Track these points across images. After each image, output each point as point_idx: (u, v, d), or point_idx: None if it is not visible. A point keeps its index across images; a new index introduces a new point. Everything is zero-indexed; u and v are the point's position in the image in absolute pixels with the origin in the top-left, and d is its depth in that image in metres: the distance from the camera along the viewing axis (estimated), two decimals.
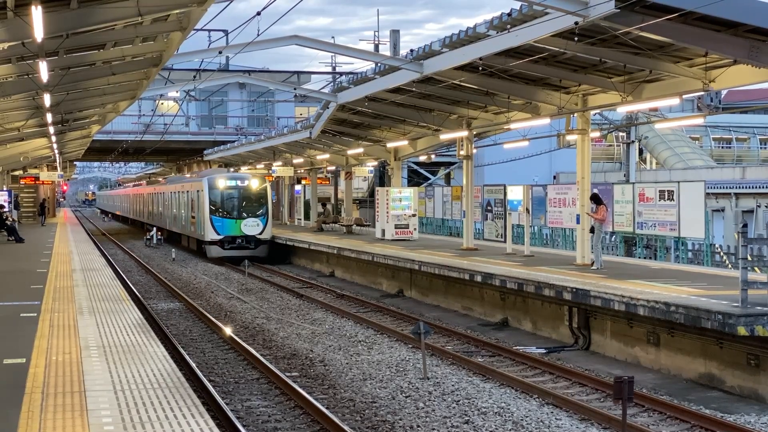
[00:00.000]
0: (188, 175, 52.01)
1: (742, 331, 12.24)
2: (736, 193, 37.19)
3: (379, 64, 22.73)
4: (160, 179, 69.80)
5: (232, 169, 49.27)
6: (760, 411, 12.01)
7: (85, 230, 50.08)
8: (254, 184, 36.25)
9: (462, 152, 25.61)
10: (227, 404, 11.66)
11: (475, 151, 26.57)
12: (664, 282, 16.18)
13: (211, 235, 35.06)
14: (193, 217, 38.46)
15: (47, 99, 20.12)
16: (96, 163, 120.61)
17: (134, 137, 50.80)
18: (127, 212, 77.38)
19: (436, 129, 27.01)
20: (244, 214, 35.40)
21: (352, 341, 17.26)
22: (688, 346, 14.09)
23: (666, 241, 25.34)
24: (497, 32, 16.16)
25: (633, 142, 34.06)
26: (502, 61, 17.48)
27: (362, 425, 11.12)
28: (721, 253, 25.51)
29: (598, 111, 25.42)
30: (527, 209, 23.53)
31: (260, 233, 35.30)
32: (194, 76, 28.81)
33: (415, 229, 30.32)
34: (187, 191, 40.21)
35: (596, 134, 25.01)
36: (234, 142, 50.11)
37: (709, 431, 11.05)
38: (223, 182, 35.98)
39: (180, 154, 67.40)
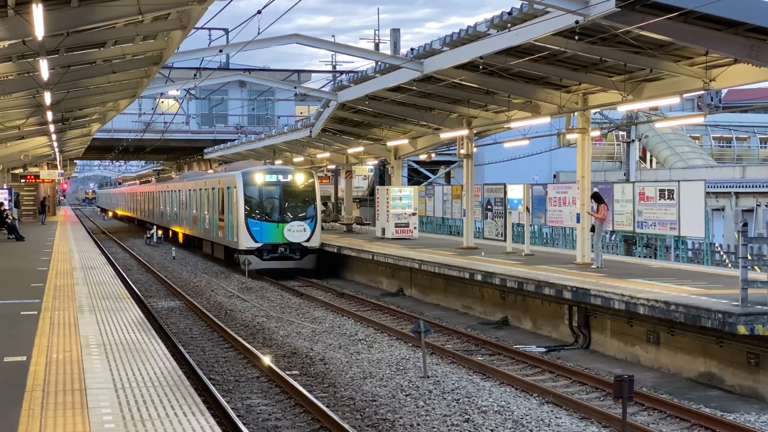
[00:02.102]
0: (210, 171, 45.11)
1: (742, 330, 12.25)
2: (736, 192, 37.22)
3: (379, 63, 22.74)
4: (173, 175, 62.56)
5: (278, 162, 43.12)
6: (760, 410, 12.02)
7: (86, 228, 50.07)
8: (299, 179, 29.74)
9: (462, 151, 25.62)
10: (228, 402, 11.67)
11: (475, 149, 26.58)
12: (664, 281, 16.18)
13: (246, 242, 28.70)
14: (221, 220, 32.00)
15: (48, 97, 20.13)
16: (96, 162, 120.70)
17: (134, 136, 50.81)
18: (133, 212, 70.51)
19: (436, 128, 27.02)
20: (288, 217, 29.05)
21: (352, 340, 17.26)
22: (688, 345, 14.10)
23: (666, 240, 25.34)
24: (498, 31, 16.16)
25: (633, 141, 34.04)
26: (502, 59, 17.48)
27: (362, 423, 11.12)
28: (721, 252, 25.52)
29: (598, 110, 25.43)
30: (527, 208, 23.53)
31: (307, 240, 28.82)
32: (194, 75, 28.76)
33: (415, 227, 30.32)
34: (213, 188, 33.91)
35: (596, 133, 25.01)
36: (234, 140, 50.13)
37: (709, 430, 11.06)
38: (261, 177, 29.44)
39: (180, 153, 67.40)
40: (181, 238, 43.91)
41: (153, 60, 19.35)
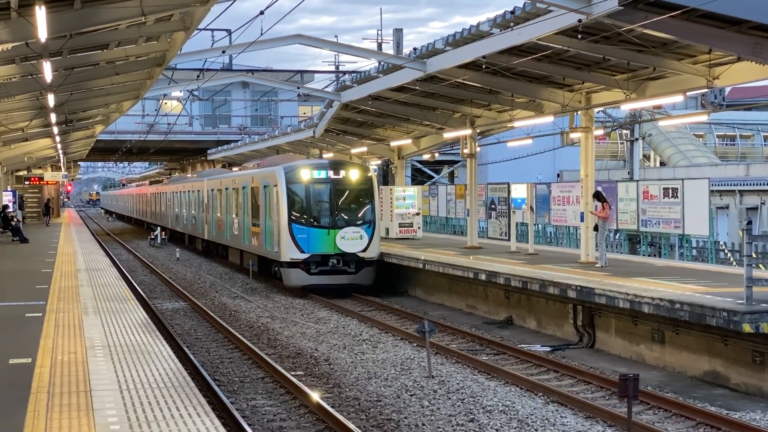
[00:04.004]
0: (236, 169, 38.63)
1: (747, 328, 12.24)
2: (740, 191, 37.15)
3: (382, 63, 22.75)
4: (188, 175, 55.90)
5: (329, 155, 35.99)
6: (765, 408, 12.00)
7: (90, 230, 50.12)
8: (354, 175, 24.77)
9: (465, 151, 25.60)
10: (232, 403, 11.68)
11: (478, 149, 26.57)
12: (668, 279, 16.16)
13: (290, 252, 23.83)
14: (255, 225, 27.40)
15: (51, 99, 20.14)
16: (100, 163, 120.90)
17: (138, 137, 50.90)
18: (142, 215, 65.51)
19: (439, 127, 27.01)
20: (341, 222, 24.23)
21: (356, 340, 17.26)
22: (693, 344, 14.08)
23: (670, 239, 25.32)
24: (500, 30, 16.16)
25: (637, 139, 34.00)
26: (505, 59, 17.47)
27: (367, 424, 11.12)
28: (726, 251, 25.50)
29: (601, 109, 25.41)
30: (531, 207, 23.52)
31: (364, 249, 23.99)
32: (197, 76, 28.79)
33: (419, 227, 30.30)
34: (244, 187, 29.28)
35: (600, 132, 24.99)
36: (237, 141, 50.17)
37: (714, 428, 11.04)
38: (308, 173, 24.48)
39: (183, 154, 67.52)
40: (200, 245, 39.86)
41: (156, 61, 19.36)
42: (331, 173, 24.62)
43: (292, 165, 25.24)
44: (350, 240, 23.91)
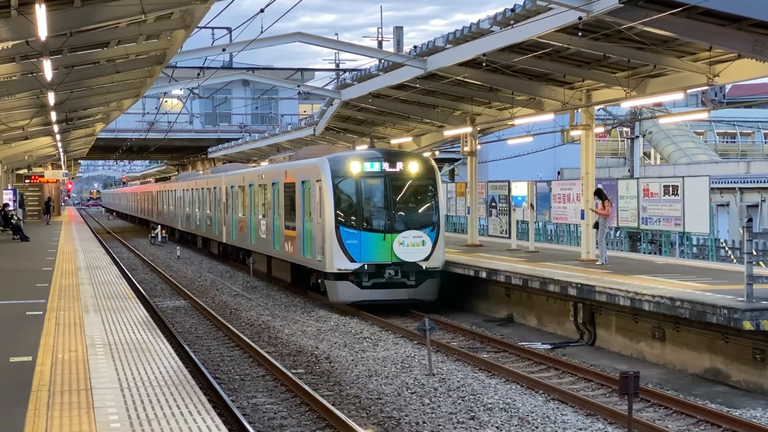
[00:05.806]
0: (262, 163, 33.71)
1: (747, 325, 12.24)
2: (740, 188, 37.12)
3: (382, 61, 22.73)
4: (201, 171, 50.29)
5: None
6: (766, 405, 12.00)
7: (90, 229, 50.13)
8: (414, 168, 20.85)
9: (466, 148, 25.61)
10: (233, 401, 11.68)
11: (479, 147, 26.56)
12: (669, 277, 16.16)
13: (338, 262, 20.06)
14: (289, 228, 23.55)
15: (51, 97, 20.16)
16: (101, 162, 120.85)
17: (138, 135, 50.88)
18: (148, 214, 61.19)
19: (440, 125, 27.01)
20: (399, 225, 20.42)
21: (357, 338, 17.27)
22: (694, 341, 14.08)
23: (671, 236, 25.32)
24: (501, 28, 16.16)
25: (637, 137, 33.99)
26: (505, 56, 17.47)
27: (368, 421, 11.12)
28: (726, 248, 25.49)
29: (602, 106, 25.40)
30: (532, 205, 23.52)
31: (426, 258, 20.35)
32: (198, 74, 28.79)
33: None
34: (274, 183, 25.35)
35: (600, 130, 24.98)
36: (238, 139, 50.17)
37: (715, 426, 11.04)
38: (358, 166, 20.55)
39: (184, 152, 67.51)
40: (217, 249, 36.22)
41: (156, 59, 19.37)
42: (386, 166, 20.65)
43: (339, 156, 21.25)
44: (410, 246, 20.22)
